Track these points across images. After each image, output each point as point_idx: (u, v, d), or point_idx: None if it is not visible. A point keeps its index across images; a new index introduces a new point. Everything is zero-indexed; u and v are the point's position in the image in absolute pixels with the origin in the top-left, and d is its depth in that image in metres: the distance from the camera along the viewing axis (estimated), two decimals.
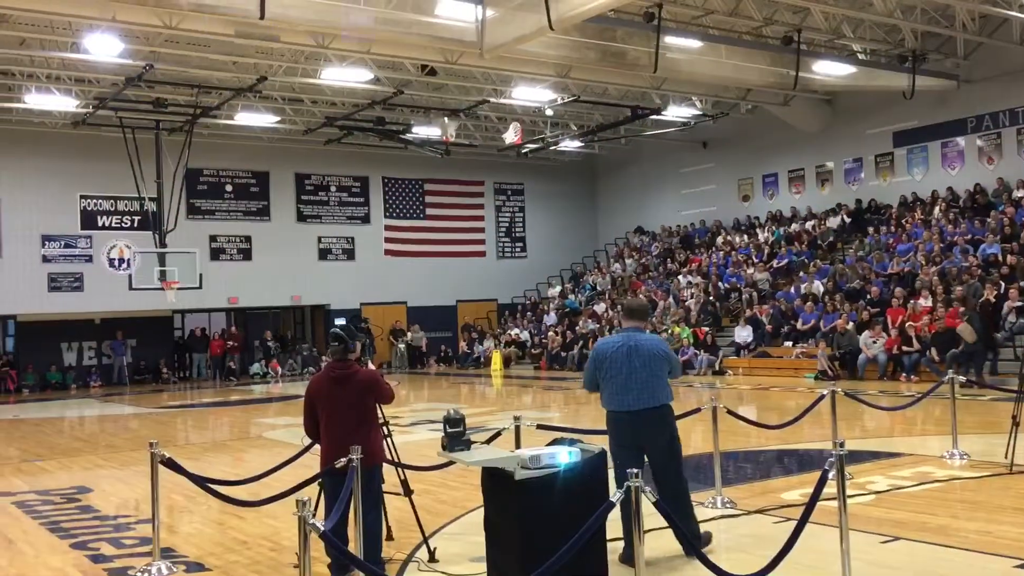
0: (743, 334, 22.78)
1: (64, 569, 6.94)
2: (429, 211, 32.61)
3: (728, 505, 7.55)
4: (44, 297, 26.07)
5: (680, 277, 28.03)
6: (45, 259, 26.24)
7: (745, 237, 28.60)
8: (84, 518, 8.65)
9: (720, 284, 26.37)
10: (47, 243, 26.27)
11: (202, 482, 6.54)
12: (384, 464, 6.32)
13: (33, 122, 24.72)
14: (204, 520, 8.30)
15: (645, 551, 4.56)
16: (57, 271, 26.40)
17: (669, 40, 18.87)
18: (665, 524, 4.83)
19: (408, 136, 26.92)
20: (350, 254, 31.09)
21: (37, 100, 22.16)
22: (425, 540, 6.53)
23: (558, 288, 32.48)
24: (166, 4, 15.35)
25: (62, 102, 22.60)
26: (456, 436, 5.65)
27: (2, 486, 10.63)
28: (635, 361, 6.09)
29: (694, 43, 19.86)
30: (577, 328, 27.48)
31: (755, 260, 26.73)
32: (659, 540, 6.06)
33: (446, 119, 25.15)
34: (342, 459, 5.55)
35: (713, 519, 7.13)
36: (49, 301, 26.14)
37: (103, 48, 17.98)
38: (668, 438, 6.17)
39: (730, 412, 8.43)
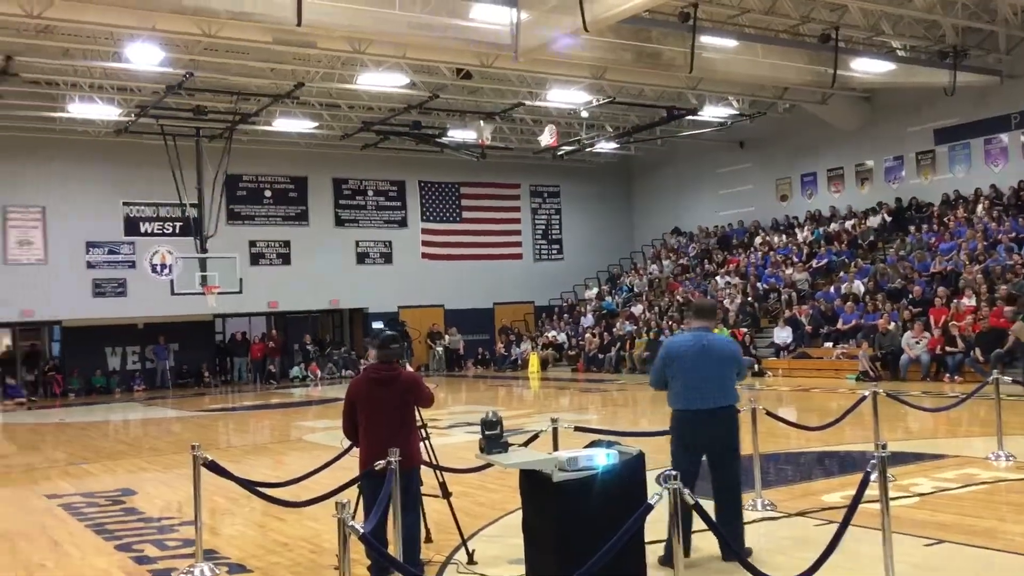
0: (782, 335, 22.56)
1: (109, 570, 7.05)
2: (465, 214, 32.71)
3: (768, 507, 7.49)
4: (89, 302, 26.53)
5: (718, 278, 27.84)
6: (89, 265, 26.71)
7: (783, 237, 28.33)
8: (129, 520, 8.79)
9: (758, 285, 26.15)
10: (91, 249, 26.75)
11: (246, 484, 6.62)
12: (422, 466, 6.35)
13: (77, 131, 25.16)
14: (245, 522, 8.39)
15: (686, 551, 4.54)
16: (101, 277, 26.87)
17: (705, 40, 18.76)
18: (707, 527, 4.79)
19: (444, 140, 27.03)
20: (387, 258, 31.29)
21: (80, 109, 22.55)
22: (464, 542, 6.54)
23: (595, 290, 32.41)
24: (205, 13, 15.56)
25: (104, 111, 22.98)
26: (494, 438, 5.66)
27: (49, 488, 10.83)
28: (708, 360, 6.08)
29: (730, 42, 19.73)
30: (614, 330, 27.39)
31: (794, 260, 26.47)
32: (701, 542, 6.02)
33: (481, 122, 25.21)
34: (382, 461, 5.58)
35: (754, 521, 7.07)
36: (94, 306, 26.59)
37: (144, 57, 18.27)
38: (733, 439, 6.17)
39: (769, 414, 8.36)
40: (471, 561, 6.36)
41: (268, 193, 29.39)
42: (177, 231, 27.36)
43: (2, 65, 19.06)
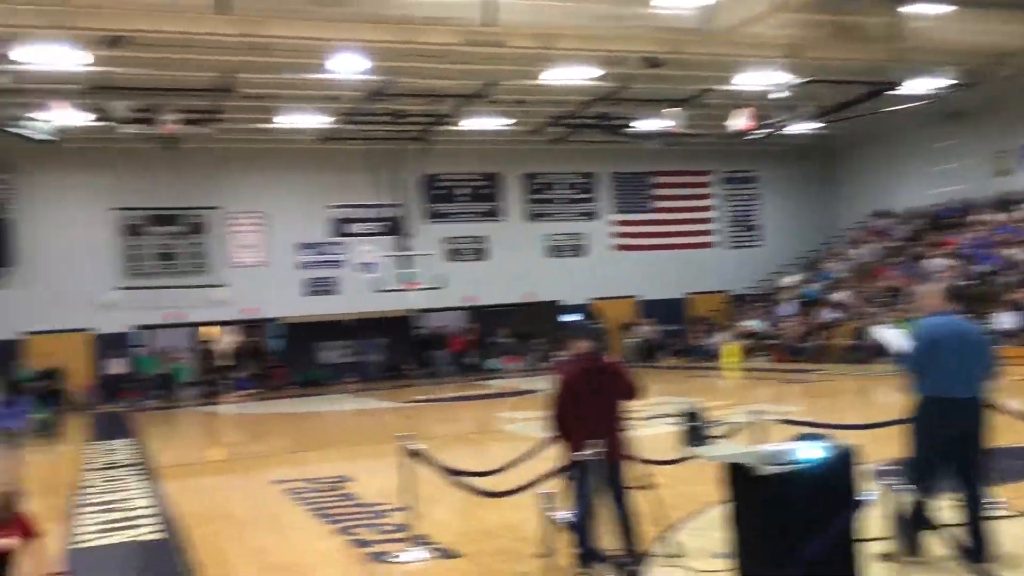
0: (1006, 320, 20.89)
1: (330, 553, 7.52)
2: (657, 203, 32.41)
3: (999, 506, 6.97)
4: (303, 301, 28.36)
5: (929, 260, 26.13)
6: (301, 265, 28.53)
7: (1004, 214, 26.21)
8: (346, 505, 9.33)
9: (976, 267, 24.34)
10: (303, 250, 28.55)
11: (452, 473, 6.87)
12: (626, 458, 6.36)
13: (287, 139, 26.84)
14: (453, 509, 8.67)
15: (914, 550, 4.31)
16: (313, 276, 28.64)
17: (910, 8, 17.63)
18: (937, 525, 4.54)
19: (633, 129, 26.84)
20: (580, 250, 31.52)
21: (289, 119, 24.03)
22: (666, 534, 6.51)
23: (794, 276, 31.24)
24: (403, 20, 16.23)
25: (310, 120, 24.37)
26: (696, 430, 5.61)
27: (275, 474, 11.66)
28: (967, 346, 5.83)
29: (938, 8, 18.43)
30: (816, 318, 26.30)
31: (1017, 239, 24.44)
32: (927, 539, 5.69)
33: (671, 110, 24.85)
34: (591, 451, 5.62)
35: (984, 519, 6.62)
36: (307, 304, 28.39)
37: (347, 66, 19.24)
38: (983, 431, 5.86)
39: (996, 406, 7.77)
40: (675, 553, 6.31)
41: (463, 191, 30.29)
42: (380, 231, 28.76)
43: (225, 82, 20.58)
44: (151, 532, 8.67)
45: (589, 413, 5.96)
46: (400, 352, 30.43)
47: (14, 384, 22.27)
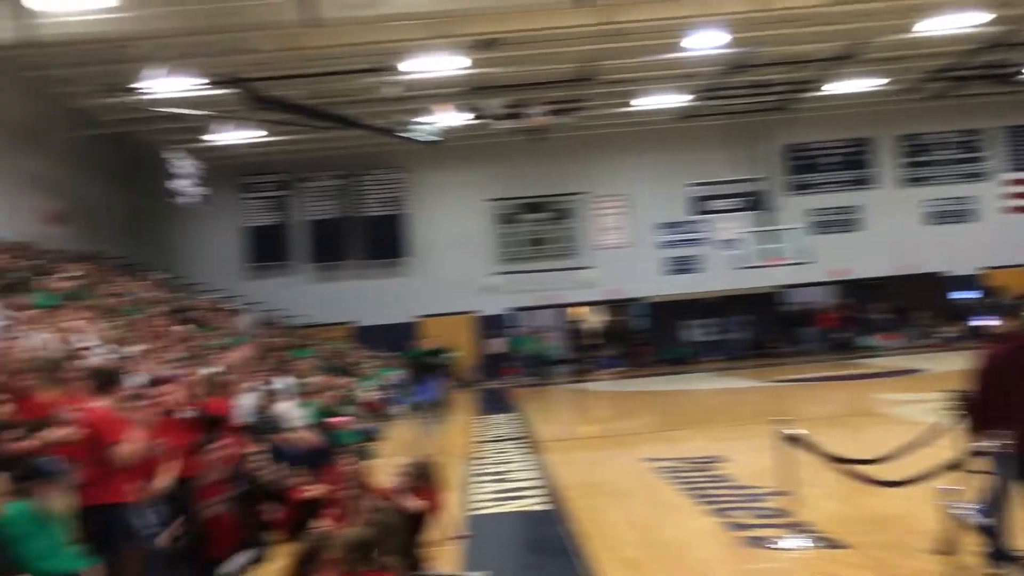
0: None
1: (707, 534, 7.51)
2: None
3: None
4: (665, 280, 28.64)
5: None
6: (663, 244, 28.81)
7: None
8: (719, 486, 9.27)
9: None
10: (663, 230, 28.81)
11: (836, 460, 6.56)
12: None
13: (643, 121, 27.15)
14: (833, 496, 8.24)
15: None
16: (673, 255, 28.81)
17: None
18: None
19: None
20: (966, 215, 28.63)
21: (648, 101, 24.29)
22: None
23: None
24: None
25: (669, 99, 24.42)
26: None
27: (646, 451, 11.90)
28: None
29: None
30: None
31: None
32: None
33: None
34: (1008, 441, 5.01)
35: None
36: (669, 283, 28.63)
37: (705, 42, 19.02)
38: None
39: None
40: None
41: (830, 159, 28.79)
42: (742, 206, 28.23)
43: (586, 71, 21.28)
44: (537, 502, 9.24)
45: (1014, 400, 5.31)
46: (765, 330, 29.69)
47: (413, 362, 24.85)
